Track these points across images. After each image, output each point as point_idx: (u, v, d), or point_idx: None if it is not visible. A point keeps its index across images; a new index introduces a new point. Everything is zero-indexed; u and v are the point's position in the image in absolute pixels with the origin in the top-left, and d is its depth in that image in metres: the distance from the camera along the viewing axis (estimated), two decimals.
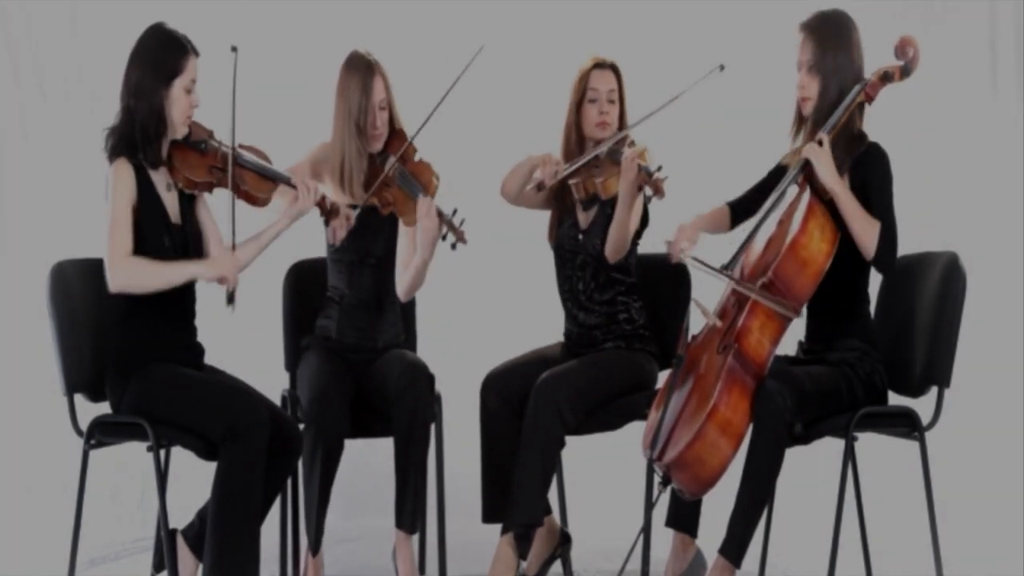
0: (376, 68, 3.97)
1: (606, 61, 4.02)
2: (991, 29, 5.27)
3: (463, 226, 3.80)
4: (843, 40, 3.60)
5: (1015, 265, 5.19)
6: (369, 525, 4.77)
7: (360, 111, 3.95)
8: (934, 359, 3.62)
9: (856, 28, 3.62)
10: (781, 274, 3.49)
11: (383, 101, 3.98)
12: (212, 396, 3.58)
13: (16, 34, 5.24)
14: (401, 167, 3.93)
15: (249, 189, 3.72)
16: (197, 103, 3.67)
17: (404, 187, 3.91)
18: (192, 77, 3.64)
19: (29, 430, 5.07)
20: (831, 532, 3.58)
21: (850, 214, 3.50)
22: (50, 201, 5.19)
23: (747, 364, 3.49)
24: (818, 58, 3.60)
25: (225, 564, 3.48)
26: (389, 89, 3.99)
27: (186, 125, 3.68)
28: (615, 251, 3.90)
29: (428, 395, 3.89)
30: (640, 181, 3.71)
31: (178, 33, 3.66)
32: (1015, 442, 5.01)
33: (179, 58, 3.62)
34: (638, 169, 3.70)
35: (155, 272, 3.57)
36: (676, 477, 3.53)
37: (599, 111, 3.99)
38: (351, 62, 3.99)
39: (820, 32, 3.61)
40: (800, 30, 3.64)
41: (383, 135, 4.01)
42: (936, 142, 5.17)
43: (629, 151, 3.77)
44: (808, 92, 3.63)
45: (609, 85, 3.99)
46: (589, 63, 4.02)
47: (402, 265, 4.02)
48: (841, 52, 3.59)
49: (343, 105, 3.97)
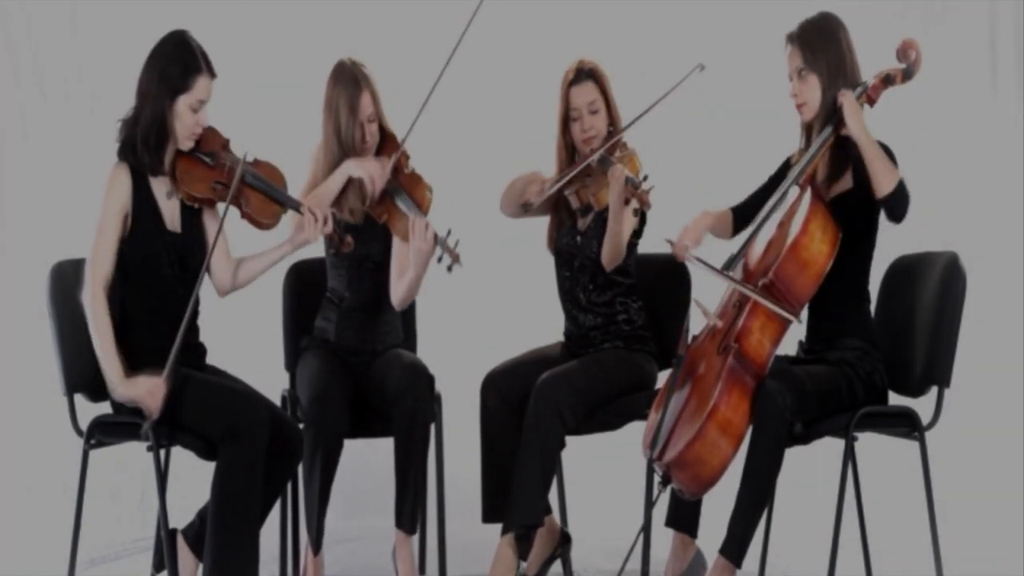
0: (363, 83, 3.92)
1: (583, 69, 3.98)
2: (991, 29, 5.27)
3: (457, 248, 3.78)
4: (830, 39, 3.59)
5: (1015, 265, 5.19)
6: (369, 525, 4.77)
7: (348, 129, 3.92)
8: (934, 359, 3.61)
9: (843, 27, 3.61)
10: (782, 275, 3.49)
11: (371, 115, 3.94)
12: (212, 396, 3.57)
13: (16, 34, 5.24)
14: (394, 181, 3.91)
15: (253, 213, 3.65)
16: (205, 123, 3.61)
17: (397, 202, 3.89)
18: (201, 97, 3.57)
19: (29, 430, 5.07)
20: (831, 532, 3.58)
21: (871, 155, 3.45)
22: (50, 201, 5.20)
23: (747, 364, 3.49)
24: (808, 61, 3.59)
25: (225, 564, 3.48)
26: (377, 101, 3.95)
27: (191, 140, 3.62)
28: (611, 260, 3.90)
29: (428, 395, 3.89)
30: (627, 194, 3.71)
31: (197, 47, 3.58)
32: (1015, 442, 5.01)
33: (189, 76, 3.55)
34: (625, 182, 3.70)
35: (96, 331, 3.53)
36: (676, 477, 3.53)
37: (582, 128, 3.97)
38: (337, 75, 3.93)
39: (805, 37, 3.61)
40: (787, 41, 3.64)
41: (373, 146, 3.99)
42: (936, 142, 5.17)
43: (616, 166, 3.75)
44: (802, 98, 3.62)
45: (588, 98, 3.97)
46: (568, 76, 3.98)
47: (396, 273, 4.00)
48: (831, 51, 3.59)
49: (331, 121, 3.93)
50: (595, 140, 3.97)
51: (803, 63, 3.60)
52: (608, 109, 4.00)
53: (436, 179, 4.00)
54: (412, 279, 3.90)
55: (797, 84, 3.63)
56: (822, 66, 3.58)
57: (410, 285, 3.93)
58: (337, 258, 4.06)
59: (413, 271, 3.87)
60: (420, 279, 3.90)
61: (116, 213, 3.57)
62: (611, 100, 4.00)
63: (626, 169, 3.75)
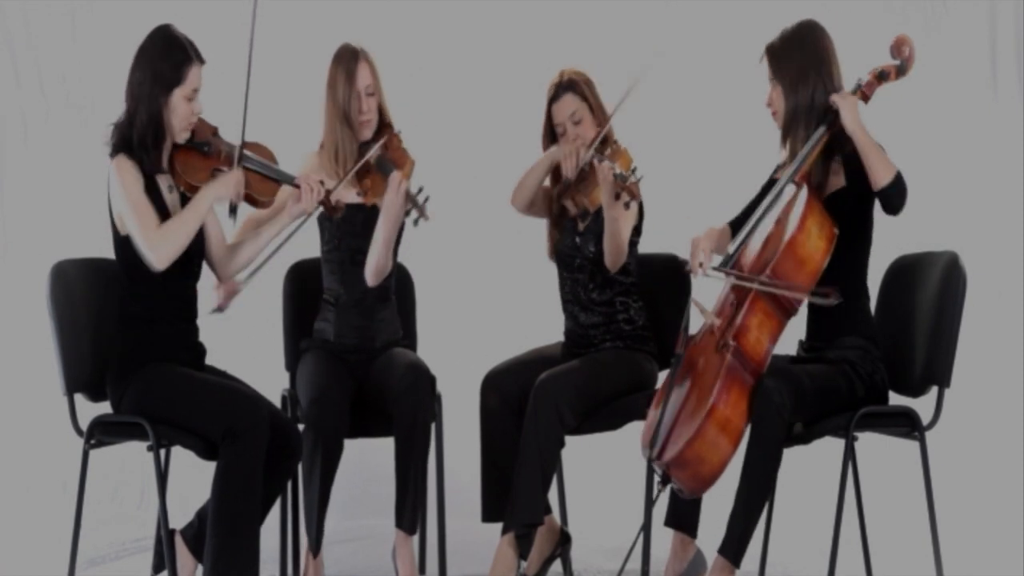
0: (361, 55, 3.98)
1: (561, 83, 3.99)
2: (991, 29, 5.27)
3: (427, 204, 3.77)
4: (798, 48, 3.62)
5: (1015, 265, 5.19)
6: (369, 525, 4.77)
7: (346, 98, 3.95)
8: (934, 359, 3.61)
9: (820, 33, 3.64)
10: (779, 272, 3.49)
11: (369, 87, 3.98)
12: (212, 396, 3.58)
13: (16, 34, 5.24)
14: (384, 157, 3.92)
15: (252, 192, 3.70)
16: (199, 111, 3.64)
17: (381, 171, 3.90)
18: (194, 86, 3.60)
19: (29, 430, 5.07)
20: (831, 532, 3.58)
21: (867, 147, 3.48)
22: (50, 201, 5.20)
23: (746, 362, 3.50)
24: (774, 71, 3.65)
25: (225, 565, 3.48)
26: (376, 76, 3.99)
27: (187, 132, 3.65)
28: (613, 261, 3.90)
29: (429, 396, 3.89)
30: (616, 189, 3.70)
31: (184, 39, 3.62)
32: (1015, 442, 5.01)
33: (181, 67, 3.58)
34: (613, 178, 3.70)
35: (182, 223, 3.55)
36: (676, 476, 3.53)
37: (569, 140, 3.99)
38: (338, 55, 4.00)
39: (773, 48, 3.66)
40: (764, 51, 3.67)
41: (372, 122, 4.00)
42: (936, 142, 5.17)
43: (604, 163, 3.75)
44: (774, 106, 3.68)
45: (569, 109, 3.98)
46: (548, 92, 4.01)
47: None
48: (795, 60, 3.61)
49: (331, 96, 3.98)
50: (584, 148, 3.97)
51: (771, 73, 3.66)
52: (593, 112, 4.00)
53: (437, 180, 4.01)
54: (379, 242, 3.87)
55: (770, 92, 3.69)
56: (783, 75, 3.63)
57: (379, 250, 3.90)
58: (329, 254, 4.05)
59: (381, 231, 3.85)
60: (389, 243, 3.87)
61: (141, 191, 3.56)
62: (594, 103, 4.01)
63: (615, 165, 3.75)
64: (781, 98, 3.65)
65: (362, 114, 3.98)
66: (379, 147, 3.90)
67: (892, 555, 4.27)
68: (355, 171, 3.87)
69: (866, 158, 3.49)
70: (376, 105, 4.00)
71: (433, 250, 4.12)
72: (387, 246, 3.89)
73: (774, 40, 3.67)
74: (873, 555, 4.01)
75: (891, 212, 3.49)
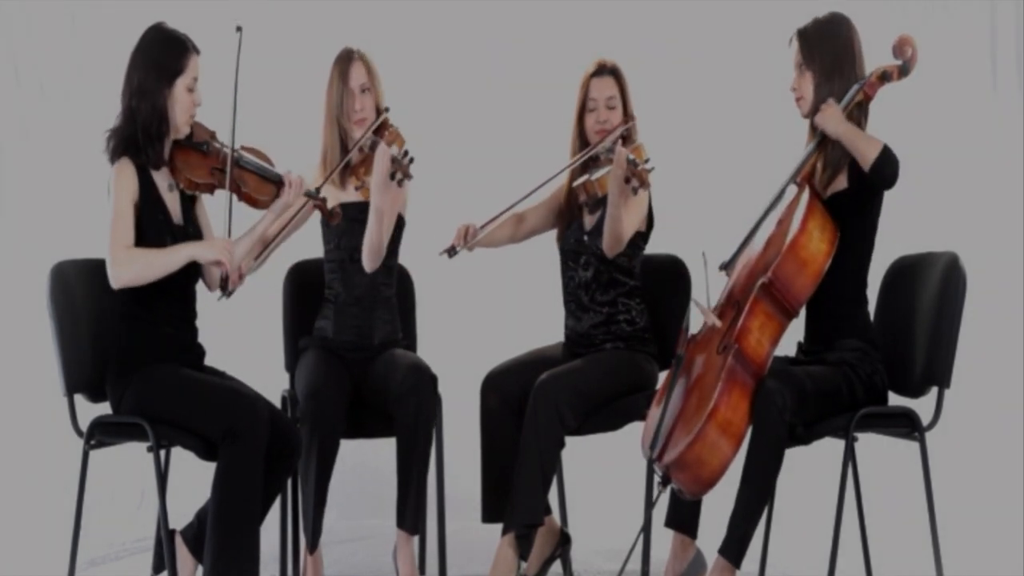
0: (356, 55, 4.01)
1: (606, 65, 4.05)
2: (991, 28, 5.28)
3: (410, 164, 3.77)
4: (831, 39, 3.62)
5: (1015, 265, 5.19)
6: (369, 525, 4.77)
7: (339, 98, 3.98)
8: (934, 359, 3.61)
9: (851, 27, 3.65)
10: (781, 274, 3.49)
11: (364, 84, 4.00)
12: (212, 397, 3.58)
13: (16, 34, 5.24)
14: (374, 138, 3.92)
15: (250, 191, 3.74)
16: (200, 101, 3.69)
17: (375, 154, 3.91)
18: (194, 75, 3.66)
19: (29, 430, 5.07)
20: (831, 532, 3.58)
21: (851, 138, 3.50)
22: (50, 201, 5.20)
23: (747, 364, 3.49)
24: (806, 58, 3.63)
25: (225, 565, 3.48)
26: (373, 74, 4.01)
27: (188, 125, 3.69)
28: (611, 246, 3.90)
29: (431, 397, 3.89)
30: (628, 172, 3.72)
31: (178, 32, 3.68)
32: (1015, 442, 5.01)
33: (180, 57, 3.64)
34: (626, 161, 3.72)
35: (154, 259, 3.57)
36: (676, 477, 3.53)
37: (597, 119, 4.02)
38: (337, 58, 4.03)
39: (807, 34, 3.66)
40: (795, 35, 3.67)
41: (367, 121, 4.00)
42: (936, 141, 5.17)
43: (621, 149, 3.77)
44: (800, 92, 3.67)
45: (607, 92, 4.02)
46: (589, 69, 4.05)
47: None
48: (828, 50, 3.61)
49: (327, 98, 4.01)
50: (608, 134, 4.00)
51: (801, 59, 3.65)
52: (624, 108, 4.04)
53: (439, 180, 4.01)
54: (371, 215, 3.86)
55: (796, 78, 3.68)
56: (817, 64, 3.62)
57: (370, 225, 3.88)
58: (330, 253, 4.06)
59: (372, 203, 3.84)
60: (380, 214, 3.85)
61: (128, 202, 3.60)
62: (628, 100, 4.05)
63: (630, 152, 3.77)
64: (810, 85, 3.64)
65: (356, 112, 3.98)
66: (370, 133, 3.91)
67: (892, 556, 4.27)
68: (349, 164, 3.89)
69: (852, 147, 3.51)
70: (372, 103, 4.01)
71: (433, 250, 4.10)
72: (378, 219, 3.88)
73: (807, 25, 3.66)
74: (873, 556, 4.01)
75: (885, 184, 3.49)
